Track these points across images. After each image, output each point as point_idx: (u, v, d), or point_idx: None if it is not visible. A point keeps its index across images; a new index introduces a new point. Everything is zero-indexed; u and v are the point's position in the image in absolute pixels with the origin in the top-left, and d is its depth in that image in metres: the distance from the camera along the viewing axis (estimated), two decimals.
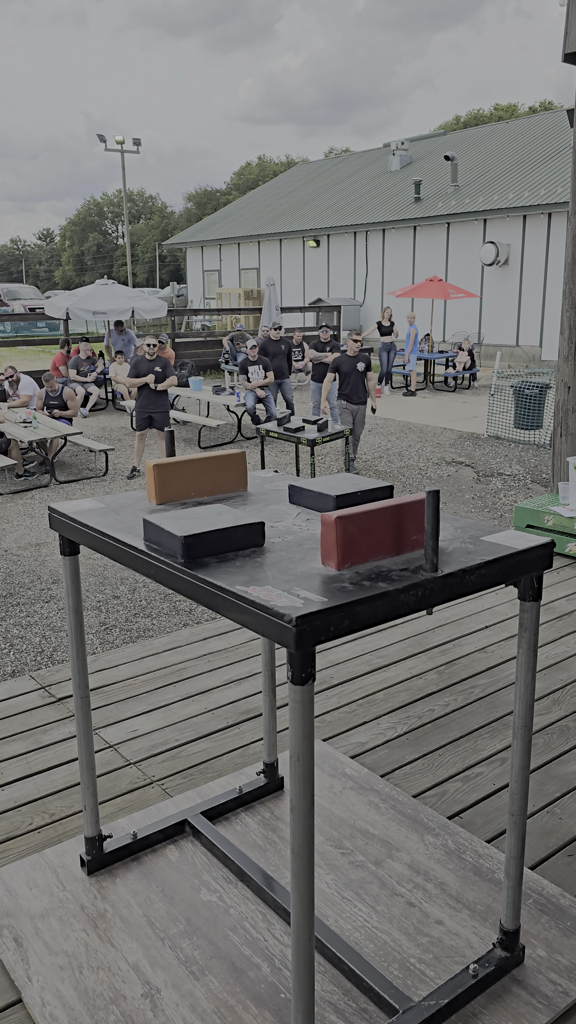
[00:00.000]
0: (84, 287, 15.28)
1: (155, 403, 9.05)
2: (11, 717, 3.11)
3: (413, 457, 9.91)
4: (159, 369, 9.02)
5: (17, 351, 24.24)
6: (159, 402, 9.08)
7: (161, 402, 9.09)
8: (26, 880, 2.22)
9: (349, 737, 2.93)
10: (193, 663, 3.52)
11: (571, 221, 5.46)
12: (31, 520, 7.58)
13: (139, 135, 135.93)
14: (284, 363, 11.77)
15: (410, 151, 27.55)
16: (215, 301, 27.29)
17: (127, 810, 2.55)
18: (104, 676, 3.41)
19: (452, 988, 1.81)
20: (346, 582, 1.41)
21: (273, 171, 61.34)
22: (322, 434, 7.39)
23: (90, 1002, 1.84)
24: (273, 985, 1.88)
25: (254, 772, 2.69)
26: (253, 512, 1.87)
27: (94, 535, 1.79)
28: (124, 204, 37.77)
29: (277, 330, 11.72)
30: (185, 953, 1.97)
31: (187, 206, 69.51)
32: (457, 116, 59.73)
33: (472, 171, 23.08)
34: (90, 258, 71.53)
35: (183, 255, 42.34)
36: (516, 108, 56.06)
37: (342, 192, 27.45)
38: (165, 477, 1.95)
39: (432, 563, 1.45)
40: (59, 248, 78.30)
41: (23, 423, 9.65)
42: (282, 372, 11.75)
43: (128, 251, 37.13)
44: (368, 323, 23.21)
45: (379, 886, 2.19)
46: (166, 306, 15.37)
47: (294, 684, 1.31)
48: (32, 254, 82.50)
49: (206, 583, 1.45)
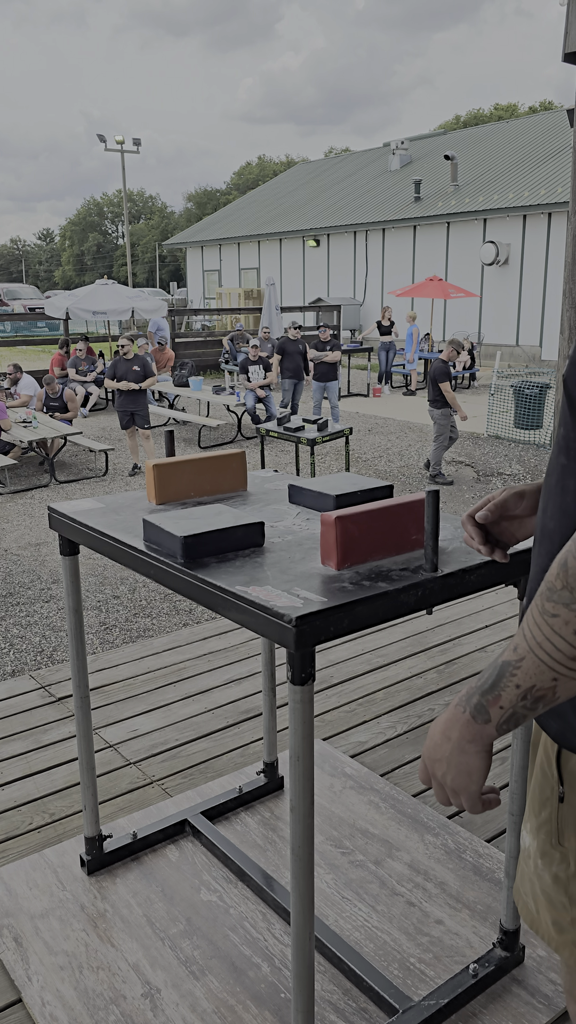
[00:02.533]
0: (84, 287, 15.28)
1: (134, 402, 9.19)
2: (11, 717, 3.11)
3: (413, 457, 9.92)
4: (137, 368, 9.14)
5: (17, 351, 24.22)
6: (139, 401, 9.21)
7: (140, 401, 9.21)
8: (26, 880, 2.22)
9: (349, 736, 2.93)
10: (193, 663, 3.52)
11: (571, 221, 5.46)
12: (31, 520, 7.58)
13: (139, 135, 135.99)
14: (301, 362, 11.66)
15: (410, 151, 27.54)
16: (215, 301, 27.29)
17: (127, 810, 2.55)
18: (104, 676, 3.41)
19: (452, 988, 1.81)
20: (346, 582, 1.41)
21: (273, 171, 61.33)
22: (322, 433, 7.39)
23: (90, 1002, 1.84)
24: (273, 985, 1.88)
25: (254, 772, 2.69)
26: (253, 512, 1.87)
27: (94, 535, 1.79)
28: (124, 204, 37.78)
29: (296, 329, 11.64)
30: (185, 953, 1.97)
31: (187, 206, 69.50)
32: (457, 116, 59.74)
33: (472, 171, 23.08)
34: (90, 258, 71.51)
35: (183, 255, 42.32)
36: (516, 108, 56.06)
37: (342, 192, 27.44)
38: (165, 477, 1.95)
39: (432, 563, 1.45)
40: (59, 248, 78.30)
41: (23, 423, 9.65)
42: (298, 372, 11.65)
43: (128, 251, 37.14)
44: (368, 323, 23.21)
45: (379, 886, 2.19)
46: (166, 306, 15.38)
47: (294, 684, 1.31)
48: (32, 254, 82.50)
49: (206, 583, 1.45)
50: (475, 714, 0.95)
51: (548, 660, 0.88)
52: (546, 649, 0.88)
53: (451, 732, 0.99)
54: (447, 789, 1.02)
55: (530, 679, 0.90)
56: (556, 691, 0.89)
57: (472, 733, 0.96)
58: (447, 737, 0.99)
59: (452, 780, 1.00)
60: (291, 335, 11.63)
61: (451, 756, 0.99)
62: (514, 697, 0.91)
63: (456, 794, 1.01)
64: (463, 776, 0.99)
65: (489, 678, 0.94)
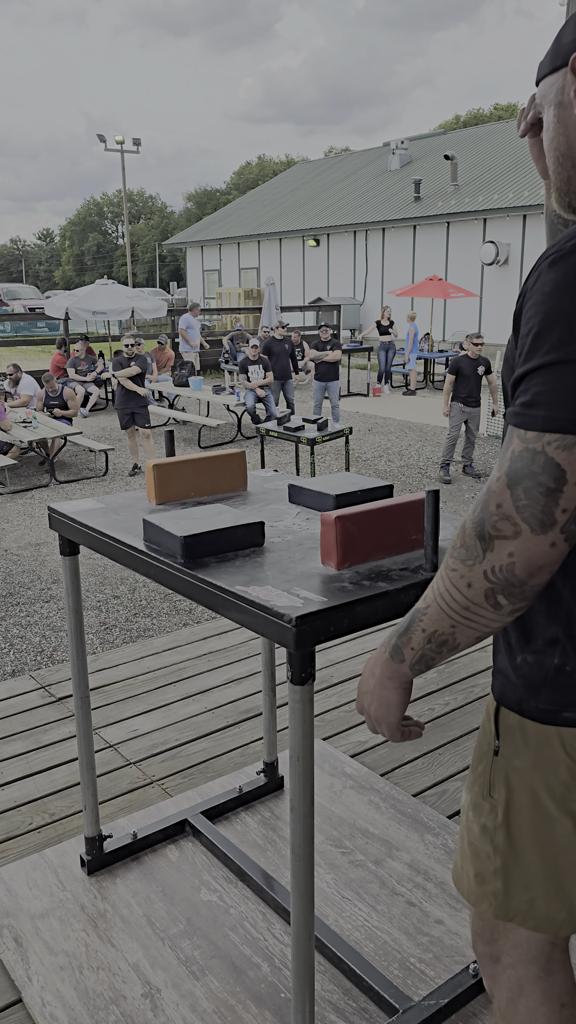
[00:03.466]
0: (84, 287, 15.28)
1: (135, 401, 9.23)
2: (11, 717, 3.11)
3: (413, 456, 9.91)
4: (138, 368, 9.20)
5: (17, 351, 24.23)
6: (139, 399, 9.24)
7: (140, 399, 9.23)
8: (26, 880, 2.22)
9: (349, 736, 2.93)
10: (193, 663, 3.52)
11: None
12: (31, 520, 7.58)
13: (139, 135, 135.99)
14: (288, 363, 11.70)
15: (410, 150, 27.54)
16: (215, 301, 27.29)
17: (127, 810, 2.55)
18: (104, 676, 3.41)
19: (452, 988, 1.81)
20: (346, 582, 1.41)
21: (273, 170, 61.34)
22: (322, 433, 7.39)
23: (90, 1002, 1.84)
24: (273, 985, 1.88)
25: (254, 771, 2.69)
26: (253, 512, 1.87)
27: (94, 535, 1.79)
28: (124, 204, 37.78)
29: (282, 329, 11.65)
30: (185, 953, 1.97)
31: (187, 206, 69.51)
32: (457, 115, 59.78)
33: (472, 171, 23.08)
34: (90, 258, 71.51)
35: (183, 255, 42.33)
36: (516, 108, 56.03)
37: (342, 191, 27.44)
38: (165, 477, 1.95)
39: (432, 563, 1.45)
40: (59, 248, 78.29)
41: (23, 423, 9.65)
42: (286, 372, 11.68)
43: (128, 251, 37.15)
44: (368, 322, 23.21)
45: (379, 885, 2.19)
46: (166, 306, 15.38)
47: (294, 684, 1.31)
48: (32, 254, 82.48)
49: (206, 583, 1.45)
50: (392, 654, 1.09)
51: (447, 608, 1.01)
52: (446, 599, 1.01)
53: (375, 669, 1.13)
54: (372, 718, 1.15)
55: (433, 624, 1.03)
56: (455, 637, 1.02)
57: (391, 671, 1.10)
58: (372, 673, 1.14)
59: (375, 711, 1.13)
60: (277, 335, 11.63)
61: (374, 690, 1.13)
62: (421, 640, 1.05)
63: (379, 723, 1.14)
64: (383, 708, 1.12)
65: (404, 623, 1.08)
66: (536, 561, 0.93)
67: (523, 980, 1.22)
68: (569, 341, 0.89)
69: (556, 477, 0.90)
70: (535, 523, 0.91)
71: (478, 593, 0.97)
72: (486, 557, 0.95)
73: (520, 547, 0.92)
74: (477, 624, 1.00)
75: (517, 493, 0.92)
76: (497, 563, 0.94)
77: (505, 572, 0.94)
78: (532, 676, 1.10)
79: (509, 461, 0.94)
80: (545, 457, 0.90)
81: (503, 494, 0.93)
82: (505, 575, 0.94)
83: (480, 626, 1.00)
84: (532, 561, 0.93)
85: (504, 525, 0.93)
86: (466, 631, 1.01)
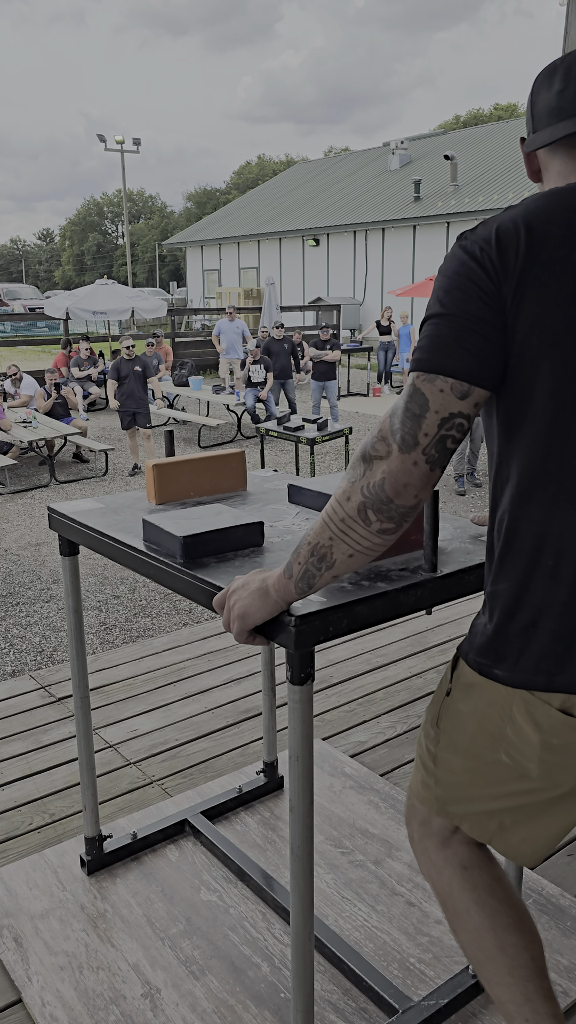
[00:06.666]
0: (84, 287, 15.28)
1: (137, 401, 9.24)
2: (11, 717, 3.11)
3: None
4: (139, 368, 9.21)
5: (17, 351, 24.22)
6: (141, 400, 9.24)
7: (143, 400, 9.23)
8: (26, 880, 2.22)
9: (349, 736, 2.93)
10: (193, 662, 3.53)
11: None
12: (31, 520, 7.58)
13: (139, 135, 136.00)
14: (288, 362, 11.67)
15: (410, 150, 27.55)
16: (215, 300, 27.29)
17: (127, 810, 2.55)
18: (104, 676, 3.42)
19: (452, 988, 1.81)
20: (345, 582, 1.41)
21: (273, 170, 61.34)
22: (322, 433, 7.39)
23: (90, 1002, 1.84)
24: (273, 985, 1.88)
25: (254, 771, 2.69)
26: (252, 512, 1.87)
27: (94, 535, 1.79)
28: (124, 204, 37.78)
29: (279, 328, 11.64)
30: (185, 953, 1.97)
31: (187, 206, 69.50)
32: (457, 115, 59.77)
33: (472, 171, 23.08)
34: (90, 258, 71.51)
35: (183, 255, 42.32)
36: (516, 108, 56.06)
37: (342, 191, 27.44)
38: (164, 477, 1.95)
39: (431, 563, 1.45)
40: (59, 248, 78.29)
41: (23, 423, 9.66)
42: (286, 372, 11.66)
43: (128, 251, 37.16)
44: (368, 322, 23.21)
45: (379, 885, 2.19)
46: (166, 306, 15.38)
47: (293, 684, 1.31)
48: (32, 254, 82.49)
49: (205, 583, 1.45)
50: (285, 569, 1.21)
51: (329, 522, 1.13)
52: (329, 514, 1.13)
53: (268, 580, 1.23)
54: (231, 613, 1.26)
55: (316, 536, 1.15)
56: (333, 552, 1.14)
57: (281, 585, 1.21)
58: (259, 579, 1.25)
59: (239, 608, 1.25)
60: (275, 334, 11.62)
61: (253, 593, 1.24)
62: (306, 553, 1.16)
63: (236, 620, 1.25)
64: (251, 610, 1.24)
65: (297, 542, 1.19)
66: (400, 479, 1.07)
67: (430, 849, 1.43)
68: (434, 303, 1.10)
69: (420, 404, 1.07)
70: (402, 444, 1.07)
71: (354, 507, 1.10)
72: (365, 475, 1.09)
73: (389, 466, 1.07)
74: (350, 540, 1.12)
75: (393, 420, 1.09)
76: (372, 479, 1.08)
77: (375, 488, 1.08)
78: (476, 634, 1.25)
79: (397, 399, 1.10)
80: (414, 388, 1.08)
81: (385, 421, 1.10)
82: (375, 491, 1.08)
83: (353, 542, 1.12)
84: (397, 479, 1.07)
85: (380, 446, 1.09)
86: (342, 546, 1.12)
